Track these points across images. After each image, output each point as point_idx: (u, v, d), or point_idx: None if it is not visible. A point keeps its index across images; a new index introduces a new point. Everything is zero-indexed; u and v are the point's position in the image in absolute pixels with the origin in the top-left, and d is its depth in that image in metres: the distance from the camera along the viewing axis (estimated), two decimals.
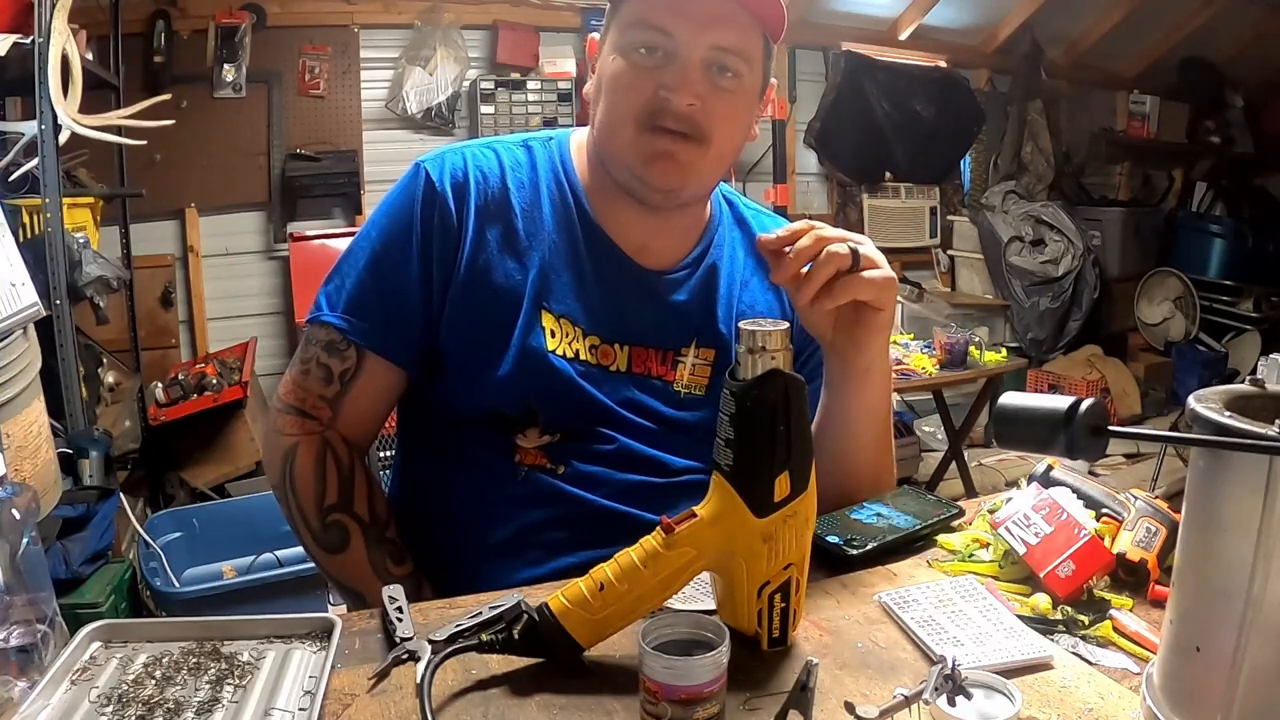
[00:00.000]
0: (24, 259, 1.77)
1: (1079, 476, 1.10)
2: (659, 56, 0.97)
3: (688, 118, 0.98)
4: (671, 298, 1.10)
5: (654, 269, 1.10)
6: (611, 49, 1.01)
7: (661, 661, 0.69)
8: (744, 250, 1.18)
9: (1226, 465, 0.64)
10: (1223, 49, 5.41)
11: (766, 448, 0.79)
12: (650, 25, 0.97)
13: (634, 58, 0.98)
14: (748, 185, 4.34)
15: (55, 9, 2.12)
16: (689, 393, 1.10)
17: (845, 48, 4.60)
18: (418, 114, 3.67)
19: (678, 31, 0.96)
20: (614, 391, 1.07)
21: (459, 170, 1.05)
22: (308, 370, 1.05)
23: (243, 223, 3.63)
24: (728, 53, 0.98)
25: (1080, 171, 5.54)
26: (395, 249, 1.03)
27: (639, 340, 1.08)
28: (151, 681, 0.77)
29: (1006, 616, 0.88)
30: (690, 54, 0.97)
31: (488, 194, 1.05)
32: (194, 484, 3.14)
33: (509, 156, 1.09)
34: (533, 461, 1.05)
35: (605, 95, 1.02)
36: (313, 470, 1.03)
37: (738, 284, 1.15)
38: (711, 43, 0.97)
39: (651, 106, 0.98)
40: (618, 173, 1.04)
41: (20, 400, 1.67)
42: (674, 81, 0.96)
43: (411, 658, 0.81)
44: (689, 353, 1.10)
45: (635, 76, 0.98)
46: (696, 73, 0.97)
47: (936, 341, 3.40)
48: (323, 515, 1.02)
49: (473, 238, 1.03)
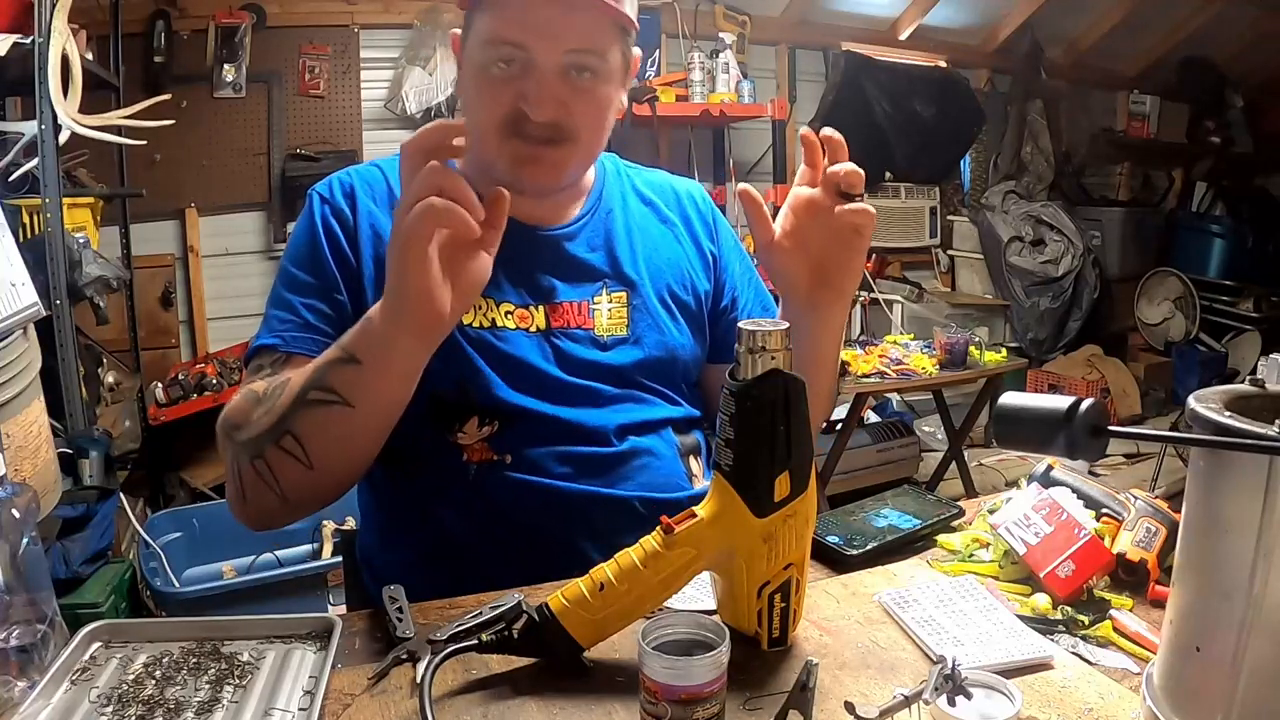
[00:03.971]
0: (24, 259, 1.77)
1: (1079, 476, 1.10)
2: (515, 69, 0.99)
3: (550, 125, 1.00)
4: (571, 250, 1.13)
5: (549, 227, 1.13)
6: (472, 63, 1.03)
7: (661, 661, 0.69)
8: (637, 199, 1.22)
9: (1226, 465, 0.64)
10: (1223, 49, 5.41)
11: (766, 448, 0.79)
12: (504, 41, 0.99)
13: (492, 73, 1.00)
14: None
15: (55, 9, 2.12)
16: (611, 334, 1.12)
17: (845, 48, 4.60)
18: (418, 114, 3.67)
19: (531, 44, 0.98)
20: (538, 348, 1.08)
21: (346, 183, 1.11)
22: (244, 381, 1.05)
23: (243, 223, 3.62)
24: (584, 53, 1.00)
25: (1080, 171, 5.54)
26: (308, 262, 1.07)
27: (550, 298, 1.10)
28: (151, 681, 0.77)
29: (1006, 616, 0.88)
30: (546, 63, 0.98)
31: (375, 197, 1.10)
32: (194, 484, 3.14)
33: (390, 167, 1.13)
34: (479, 458, 1.06)
35: (470, 107, 1.06)
36: (240, 396, 0.99)
37: (636, 229, 1.18)
38: (565, 48, 0.99)
39: (512, 116, 1.00)
40: (494, 175, 1.05)
41: (20, 400, 1.67)
42: (533, 94, 0.98)
43: (411, 658, 0.81)
44: (602, 299, 1.13)
45: (495, 89, 1.00)
46: (555, 81, 0.99)
47: (936, 341, 3.39)
48: (261, 398, 0.96)
49: (370, 233, 1.07)
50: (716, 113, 3.75)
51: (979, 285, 5.07)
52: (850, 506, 1.16)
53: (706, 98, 3.78)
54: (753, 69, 4.18)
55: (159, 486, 3.21)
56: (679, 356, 1.16)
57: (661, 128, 3.86)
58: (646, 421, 1.12)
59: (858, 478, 3.57)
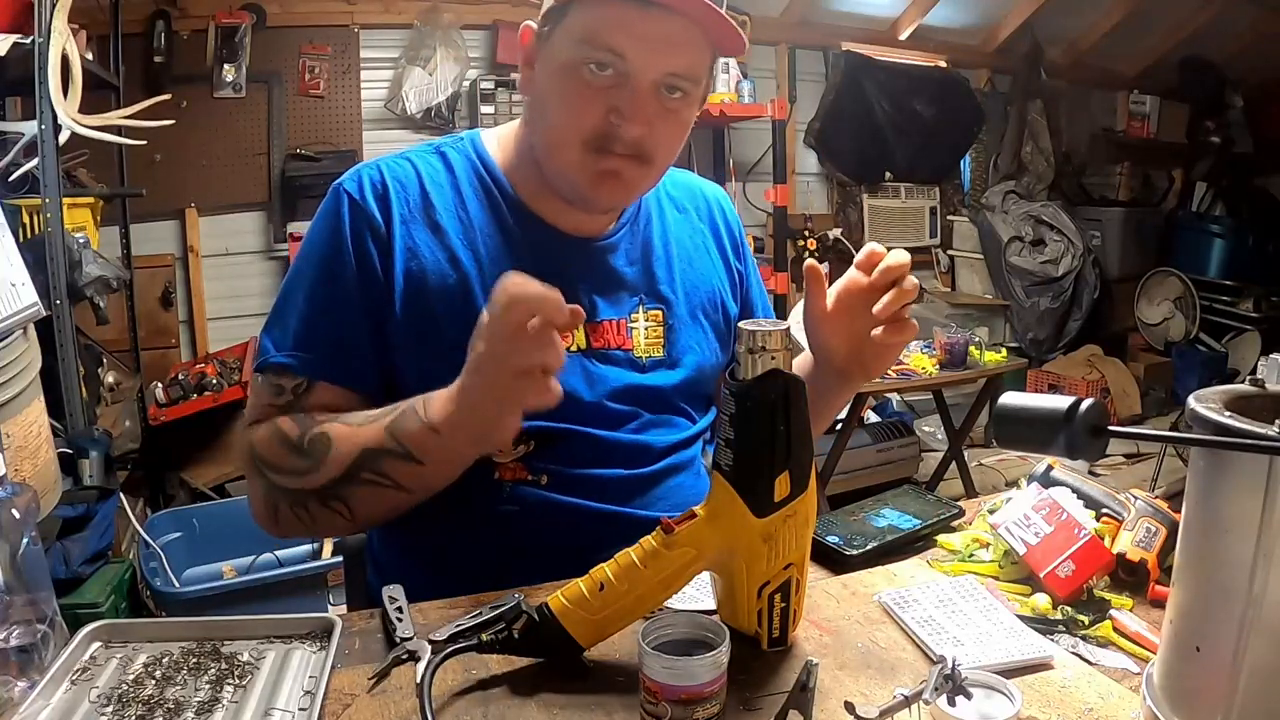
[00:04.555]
0: (24, 259, 1.77)
1: (1079, 476, 1.10)
2: (609, 76, 0.94)
3: (638, 143, 0.97)
4: (611, 263, 1.10)
5: (590, 237, 1.09)
6: (557, 58, 0.97)
7: (661, 661, 0.69)
8: (672, 206, 1.19)
9: (1226, 465, 0.64)
10: (1223, 49, 5.40)
11: (766, 448, 0.79)
12: (602, 45, 0.93)
13: (583, 74, 0.94)
14: (748, 185, 4.35)
15: (55, 9, 2.12)
16: (649, 356, 1.10)
17: (845, 48, 4.60)
18: (418, 114, 3.66)
19: (631, 54, 0.93)
20: (578, 368, 1.05)
21: (377, 182, 1.03)
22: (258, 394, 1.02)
23: (243, 223, 3.62)
24: (680, 77, 0.96)
25: (1080, 171, 5.54)
26: (332, 276, 1.01)
27: (591, 317, 1.07)
28: (151, 681, 0.77)
29: (1006, 616, 0.88)
30: (642, 78, 0.94)
31: (409, 202, 1.03)
32: (194, 484, 3.14)
33: (424, 164, 1.07)
34: (513, 476, 1.03)
35: (550, 108, 0.99)
36: (267, 431, 0.98)
37: (674, 241, 1.16)
38: (666, 69, 0.95)
39: (601, 130, 0.96)
40: (559, 185, 1.03)
41: (20, 400, 1.67)
42: (627, 108, 0.94)
43: (411, 658, 0.81)
44: (639, 317, 1.10)
45: (585, 96, 0.95)
46: (648, 98, 0.95)
47: (936, 341, 3.40)
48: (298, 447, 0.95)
49: (403, 246, 1.01)
50: (716, 113, 3.75)
51: (979, 285, 5.07)
52: (850, 506, 1.16)
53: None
54: (753, 69, 4.18)
55: (159, 486, 3.21)
56: (709, 375, 1.16)
57: None
58: (681, 441, 1.11)
59: (858, 478, 3.57)
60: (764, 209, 4.25)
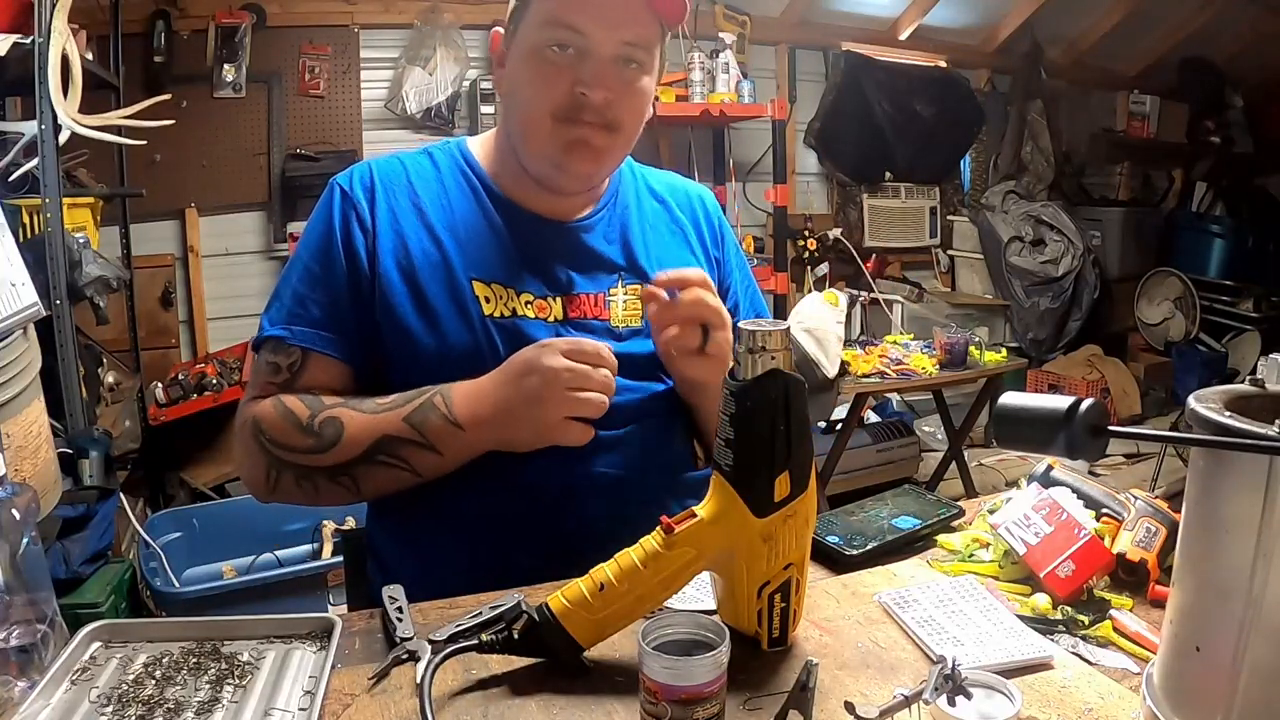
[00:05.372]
0: (24, 259, 1.77)
1: (1079, 476, 1.10)
2: (571, 54, 1.04)
3: (603, 110, 1.04)
4: (589, 242, 1.16)
5: (566, 219, 1.16)
6: (523, 46, 1.06)
7: (661, 661, 0.69)
8: (651, 197, 1.25)
9: (1226, 465, 0.64)
10: (1223, 49, 5.41)
11: (766, 448, 0.79)
12: (562, 24, 1.03)
13: (548, 55, 1.04)
14: (748, 185, 4.35)
15: (55, 9, 2.12)
16: (627, 325, 1.14)
17: (845, 48, 4.60)
18: (418, 114, 3.67)
19: (589, 30, 1.02)
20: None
21: (366, 176, 1.13)
22: (257, 373, 1.10)
23: (243, 223, 3.62)
24: (635, 47, 1.05)
25: (1080, 171, 5.54)
26: (321, 256, 1.09)
27: (568, 290, 1.12)
28: (151, 681, 0.77)
29: (1006, 616, 0.88)
30: (602, 51, 1.03)
31: (395, 192, 1.12)
32: (194, 484, 3.14)
33: (412, 162, 1.16)
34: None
35: (521, 92, 1.08)
36: (272, 407, 1.04)
37: (650, 228, 1.21)
38: (621, 39, 1.04)
39: (569, 101, 1.04)
40: (534, 164, 1.10)
41: (20, 400, 1.67)
42: (590, 78, 1.03)
43: (411, 658, 0.81)
44: (618, 292, 1.15)
45: (551, 74, 1.04)
46: (609, 68, 1.04)
47: (936, 341, 3.39)
48: (308, 428, 1.02)
49: (388, 229, 1.09)
50: (716, 113, 3.75)
51: (979, 285, 5.07)
52: (850, 506, 1.16)
53: (706, 98, 3.78)
54: (753, 69, 4.18)
55: (159, 486, 3.21)
56: None
57: (662, 128, 3.86)
58: (657, 393, 1.14)
59: (858, 478, 3.57)
60: (764, 209, 4.25)
